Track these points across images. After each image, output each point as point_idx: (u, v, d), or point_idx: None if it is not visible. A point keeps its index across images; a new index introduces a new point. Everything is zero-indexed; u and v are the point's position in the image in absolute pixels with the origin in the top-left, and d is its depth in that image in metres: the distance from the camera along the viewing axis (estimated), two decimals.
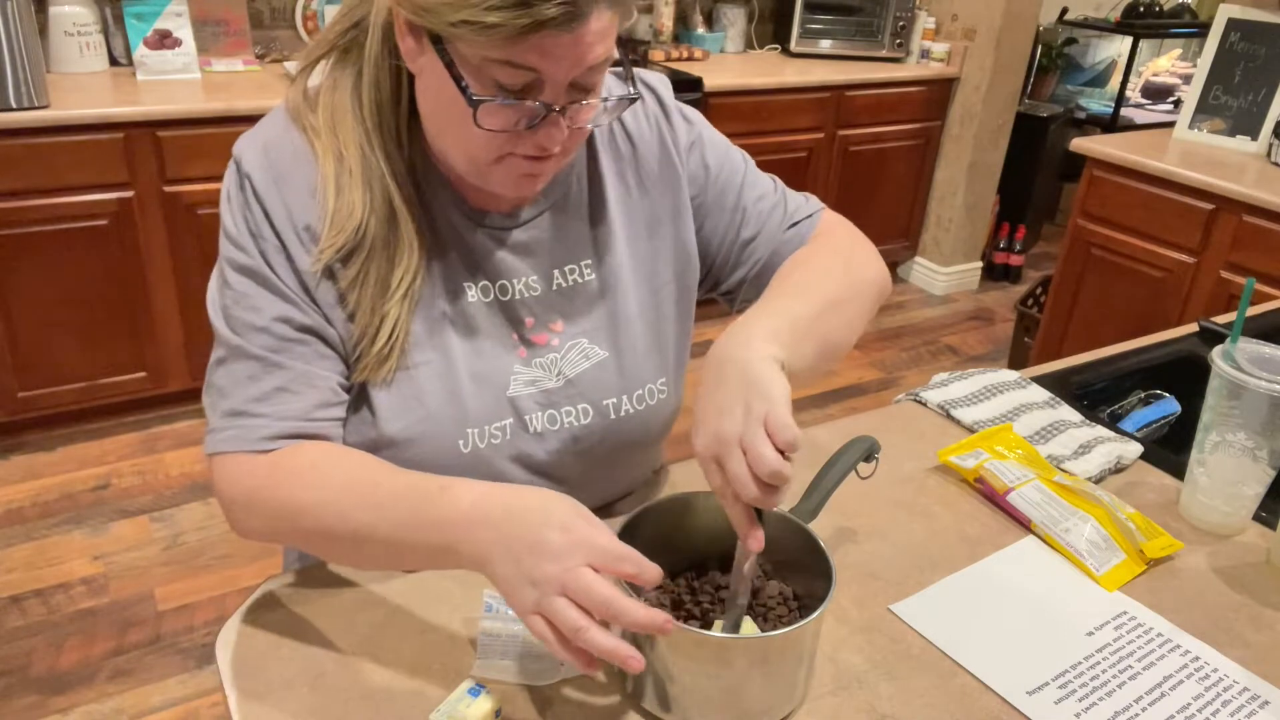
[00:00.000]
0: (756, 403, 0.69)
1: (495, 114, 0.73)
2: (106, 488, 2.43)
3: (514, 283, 0.89)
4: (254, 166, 0.81)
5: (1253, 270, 2.38)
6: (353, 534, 0.76)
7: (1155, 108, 4.74)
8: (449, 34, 0.70)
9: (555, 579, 0.65)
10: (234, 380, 0.81)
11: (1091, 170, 2.71)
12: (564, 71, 0.72)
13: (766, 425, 0.68)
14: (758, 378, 0.71)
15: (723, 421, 0.70)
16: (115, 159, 2.36)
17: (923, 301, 3.89)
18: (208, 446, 0.82)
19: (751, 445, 0.68)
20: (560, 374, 0.91)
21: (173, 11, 2.62)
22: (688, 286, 0.99)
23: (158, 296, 2.54)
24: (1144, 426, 1.29)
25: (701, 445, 0.71)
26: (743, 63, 3.53)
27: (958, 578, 0.93)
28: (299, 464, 0.80)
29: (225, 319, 0.82)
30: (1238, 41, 2.72)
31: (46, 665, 1.90)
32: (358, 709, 0.74)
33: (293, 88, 0.84)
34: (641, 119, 0.95)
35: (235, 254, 0.81)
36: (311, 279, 0.81)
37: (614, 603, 0.64)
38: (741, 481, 0.69)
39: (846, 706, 0.77)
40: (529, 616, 0.66)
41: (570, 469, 0.93)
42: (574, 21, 0.69)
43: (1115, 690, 0.81)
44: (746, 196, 0.98)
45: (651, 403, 0.95)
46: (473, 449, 0.87)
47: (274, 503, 0.79)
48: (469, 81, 0.72)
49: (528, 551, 0.67)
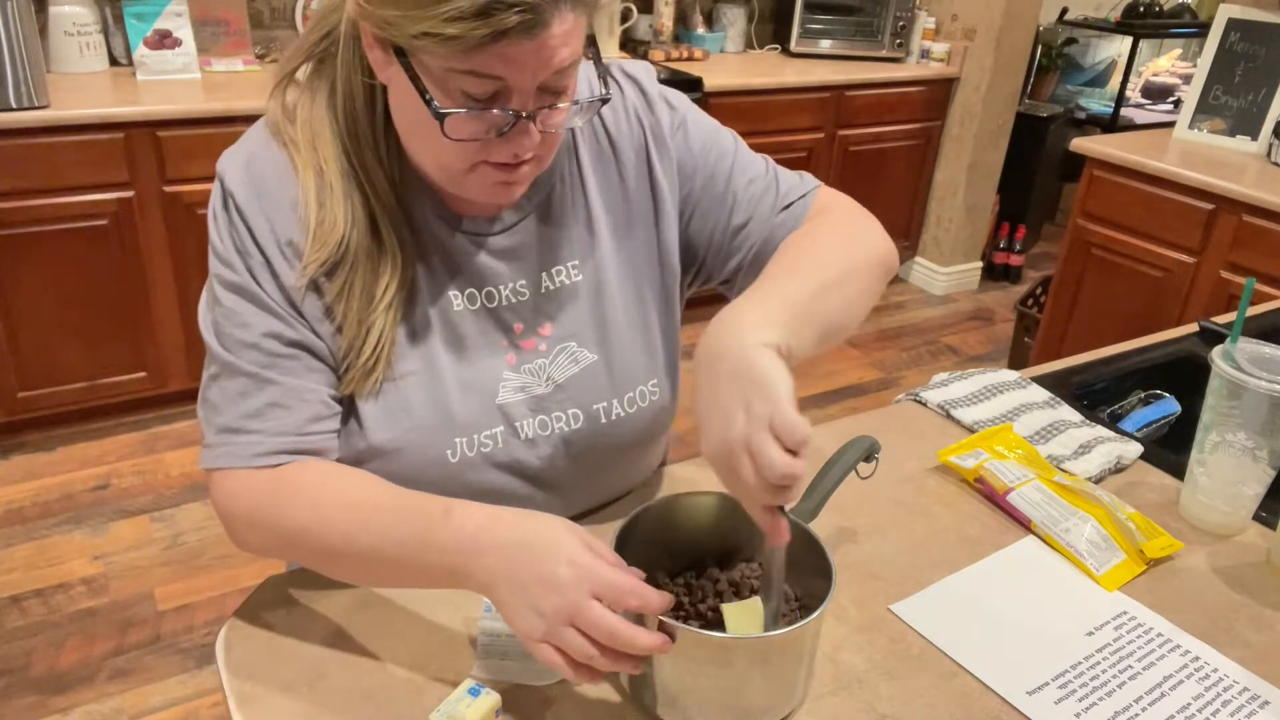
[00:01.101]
0: (758, 403, 0.66)
1: (463, 124, 0.73)
2: (106, 488, 2.43)
3: (500, 289, 0.89)
4: (236, 183, 0.81)
5: (1253, 270, 2.38)
6: (357, 555, 0.76)
7: (1155, 108, 4.74)
8: (411, 46, 0.69)
9: (563, 611, 0.66)
10: (226, 396, 0.81)
11: (1091, 170, 2.71)
12: (529, 78, 0.71)
13: (772, 427, 0.65)
14: (755, 373, 0.67)
15: (727, 427, 0.67)
16: (115, 159, 2.36)
17: (923, 301, 3.89)
18: (204, 461, 0.82)
19: (760, 451, 0.65)
20: (549, 379, 0.90)
21: (173, 11, 2.62)
22: (670, 285, 0.96)
23: (158, 296, 2.54)
24: (1144, 426, 1.29)
25: (708, 452, 0.69)
26: (743, 63, 3.53)
27: (958, 578, 0.93)
28: (301, 483, 0.80)
29: (216, 335, 0.82)
30: (1238, 41, 2.72)
31: (46, 665, 1.90)
32: (358, 709, 0.74)
33: (271, 100, 0.84)
34: (621, 115, 0.93)
35: (223, 271, 0.81)
36: (297, 294, 0.81)
37: (620, 634, 0.66)
38: (752, 487, 0.67)
39: (846, 706, 0.77)
40: (535, 644, 0.68)
41: (563, 474, 0.92)
42: (535, 28, 0.68)
43: (1115, 690, 0.81)
44: (737, 180, 0.94)
45: (643, 405, 0.93)
46: (461, 457, 0.86)
47: (276, 522, 0.79)
48: (434, 93, 0.71)
49: (535, 583, 0.67)
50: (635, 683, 0.75)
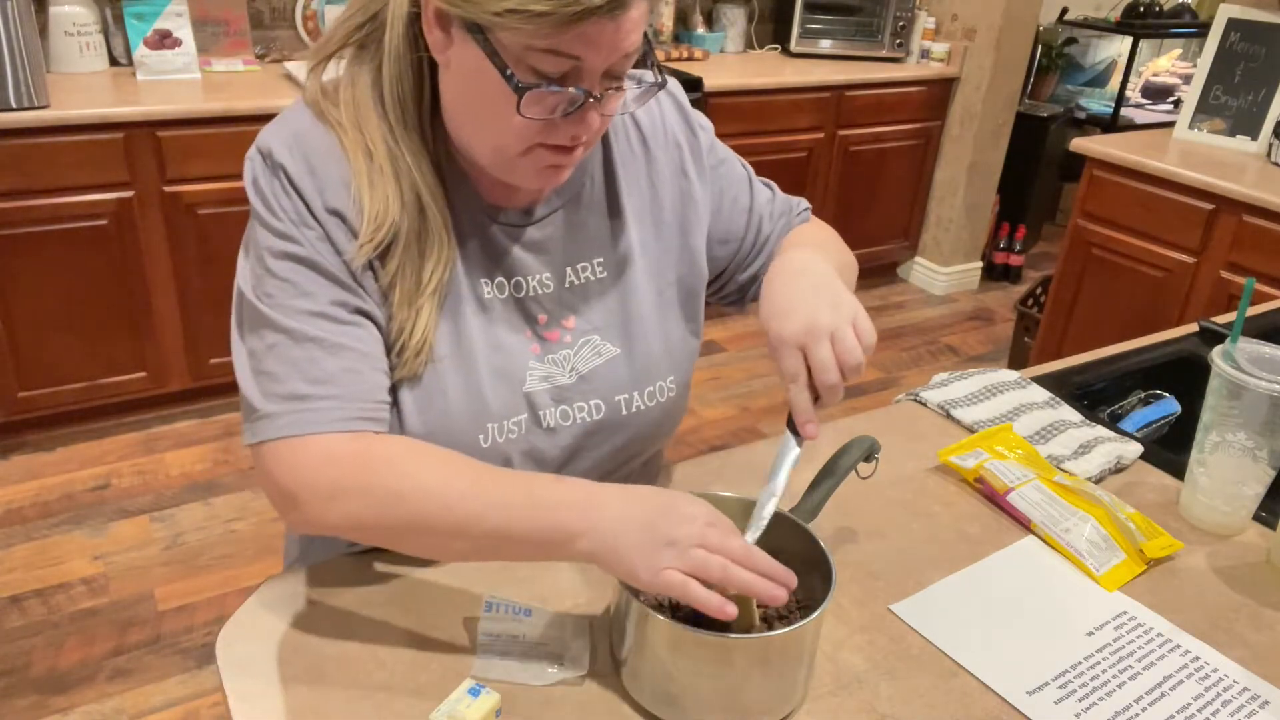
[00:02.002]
0: (844, 305, 0.80)
1: (538, 101, 0.74)
2: (106, 488, 2.43)
3: (528, 279, 0.90)
4: (286, 157, 0.80)
5: (1253, 270, 2.37)
6: (455, 524, 0.75)
7: (1155, 108, 4.74)
8: (491, 23, 0.71)
9: (693, 535, 0.70)
10: (291, 363, 0.78)
11: (1091, 170, 2.71)
12: (603, 59, 0.73)
13: (854, 325, 0.79)
14: (837, 287, 0.83)
15: (817, 314, 0.79)
16: (115, 159, 2.36)
17: (923, 301, 3.89)
18: (262, 433, 0.77)
19: (844, 337, 0.78)
20: (573, 370, 0.91)
21: (173, 11, 2.62)
22: (693, 289, 0.99)
23: (158, 296, 2.54)
24: (1144, 426, 1.29)
25: (791, 330, 0.79)
26: (743, 63, 3.53)
27: (958, 578, 0.93)
28: (389, 452, 0.77)
29: (273, 307, 0.79)
30: (1238, 41, 2.72)
31: (46, 665, 1.90)
32: (357, 709, 0.74)
33: (310, 82, 0.83)
34: (657, 119, 0.97)
35: (280, 244, 0.79)
36: (356, 270, 0.81)
37: (754, 552, 0.71)
38: (828, 367, 0.77)
39: (846, 706, 0.77)
40: (664, 573, 0.69)
41: (578, 464, 0.94)
42: (618, 10, 0.70)
43: (1115, 690, 0.81)
44: (758, 199, 1.04)
45: (662, 400, 0.96)
46: (491, 443, 0.87)
47: (365, 490, 0.75)
48: (512, 70, 0.73)
49: (661, 516, 0.72)
50: (635, 682, 0.75)
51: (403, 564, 0.89)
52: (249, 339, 0.80)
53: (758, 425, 2.91)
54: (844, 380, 0.78)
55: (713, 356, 3.29)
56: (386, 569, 0.89)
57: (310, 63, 0.84)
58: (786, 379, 0.79)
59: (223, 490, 2.44)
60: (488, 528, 0.74)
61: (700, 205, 0.99)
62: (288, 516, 0.79)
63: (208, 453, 2.59)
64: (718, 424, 2.90)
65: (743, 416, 2.95)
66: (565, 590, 0.87)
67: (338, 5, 2.95)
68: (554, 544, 0.73)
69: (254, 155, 0.82)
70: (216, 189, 2.49)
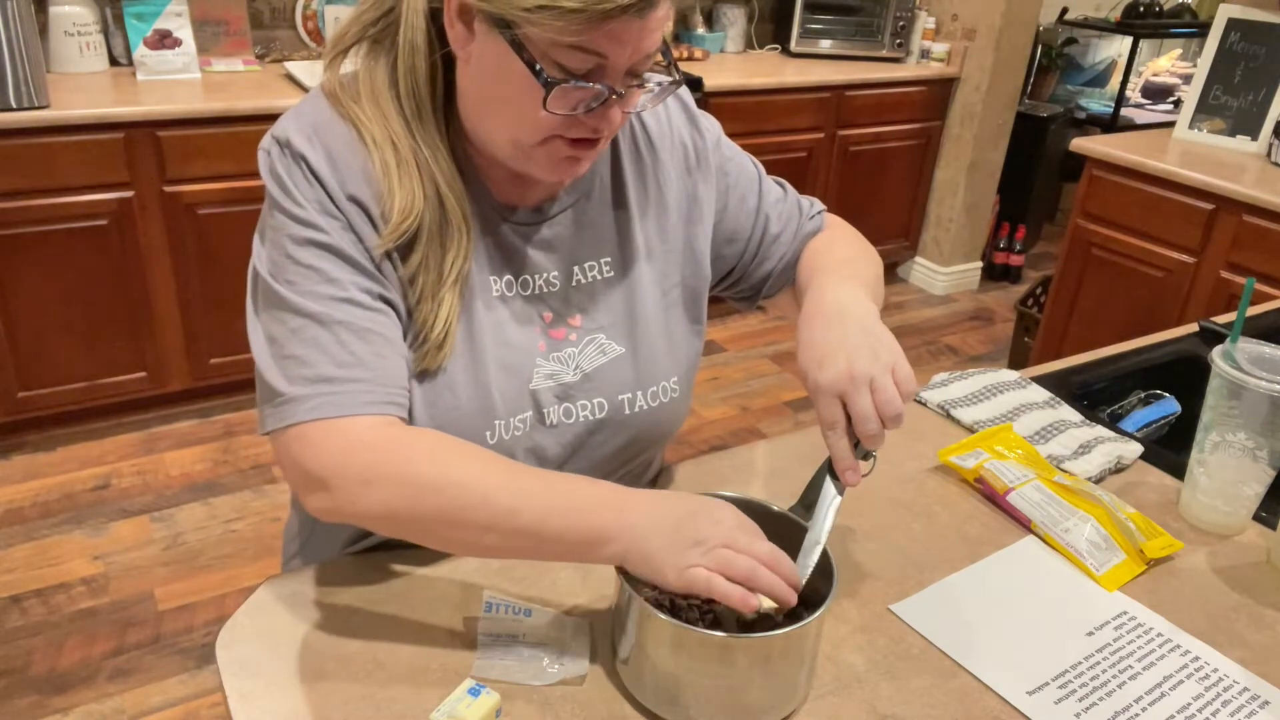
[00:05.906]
0: (884, 352, 0.80)
1: (564, 96, 0.75)
2: (106, 488, 2.43)
3: (535, 277, 0.90)
4: (306, 148, 0.80)
5: (1253, 270, 2.37)
6: (489, 518, 0.74)
7: (1155, 108, 4.74)
8: (520, 19, 0.71)
9: (721, 536, 0.72)
10: (317, 347, 0.77)
11: (1091, 170, 2.71)
12: (628, 57, 0.74)
13: (894, 374, 0.78)
14: (879, 330, 0.82)
15: (855, 361, 0.78)
16: (115, 159, 2.36)
17: (923, 301, 3.89)
18: (288, 417, 0.76)
19: (883, 387, 0.77)
20: (578, 368, 0.92)
21: (173, 11, 2.63)
22: (697, 291, 1.00)
23: (158, 296, 2.54)
24: (1144, 426, 1.29)
25: (829, 379, 0.78)
26: (743, 63, 3.53)
27: (958, 578, 0.93)
28: (424, 442, 0.77)
29: (298, 293, 0.78)
30: (1238, 41, 2.72)
31: (46, 665, 1.90)
32: (357, 709, 0.74)
33: (327, 75, 0.84)
34: (664, 121, 0.97)
35: (305, 231, 0.79)
36: (377, 258, 0.81)
37: (779, 556, 0.73)
38: (868, 417, 0.77)
39: (846, 706, 0.77)
40: (689, 570, 0.71)
41: (578, 463, 0.94)
42: (645, 9, 0.71)
43: (1115, 690, 0.81)
44: (767, 198, 1.03)
45: (665, 400, 0.96)
46: (498, 440, 0.88)
47: (401, 479, 0.74)
48: (541, 65, 0.73)
49: (689, 517, 0.73)
50: (636, 682, 0.75)
51: (403, 564, 0.89)
52: (269, 324, 0.80)
53: (758, 425, 2.91)
54: (882, 429, 0.78)
55: (713, 356, 3.29)
56: (386, 569, 0.89)
57: (326, 56, 0.84)
58: (825, 426, 0.79)
59: (223, 490, 2.44)
60: (521, 524, 0.74)
61: (704, 206, 0.99)
62: (314, 503, 0.77)
63: (208, 453, 2.59)
64: (718, 424, 2.90)
65: (743, 416, 2.95)
66: (565, 590, 0.87)
67: (337, 5, 2.95)
68: (587, 544, 0.74)
69: (270, 146, 0.82)
70: (217, 189, 2.49)
